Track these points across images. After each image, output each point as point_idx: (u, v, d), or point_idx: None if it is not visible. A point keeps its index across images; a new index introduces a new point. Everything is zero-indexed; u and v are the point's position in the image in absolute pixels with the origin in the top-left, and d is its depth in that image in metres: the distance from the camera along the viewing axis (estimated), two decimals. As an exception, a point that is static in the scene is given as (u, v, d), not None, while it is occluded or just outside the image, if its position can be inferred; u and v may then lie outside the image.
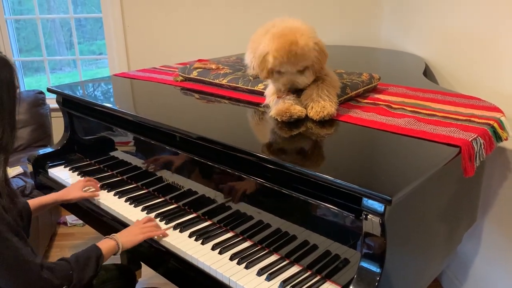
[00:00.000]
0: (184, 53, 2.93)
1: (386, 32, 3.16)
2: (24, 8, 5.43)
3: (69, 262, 1.19)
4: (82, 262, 1.21)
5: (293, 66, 1.40)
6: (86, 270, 1.21)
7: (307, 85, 1.47)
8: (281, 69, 1.42)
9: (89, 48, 6.53)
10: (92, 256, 1.24)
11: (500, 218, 1.83)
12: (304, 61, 1.39)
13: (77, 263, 1.20)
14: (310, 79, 1.45)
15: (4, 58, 1.14)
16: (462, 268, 2.10)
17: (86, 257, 1.24)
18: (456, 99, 1.63)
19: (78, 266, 1.20)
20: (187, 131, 1.43)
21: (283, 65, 1.39)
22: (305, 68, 1.42)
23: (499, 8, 1.79)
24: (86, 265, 1.21)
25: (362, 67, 2.06)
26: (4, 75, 1.12)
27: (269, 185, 1.26)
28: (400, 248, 1.12)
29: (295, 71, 1.42)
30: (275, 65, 1.40)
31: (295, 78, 1.43)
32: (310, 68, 1.42)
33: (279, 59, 1.38)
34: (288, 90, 1.47)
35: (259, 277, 1.20)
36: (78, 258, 1.22)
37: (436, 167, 1.14)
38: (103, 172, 1.86)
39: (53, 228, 2.88)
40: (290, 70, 1.41)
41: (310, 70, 1.43)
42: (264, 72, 1.45)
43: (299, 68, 1.41)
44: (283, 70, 1.42)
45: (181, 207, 1.56)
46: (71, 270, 1.17)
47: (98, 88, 2.14)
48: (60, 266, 1.17)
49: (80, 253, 1.25)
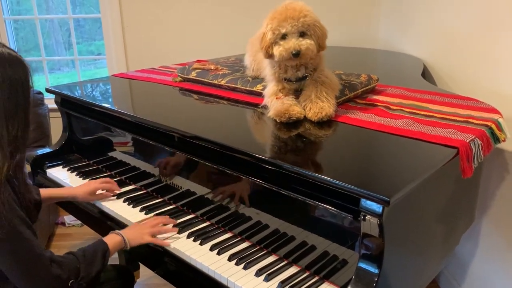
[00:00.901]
0: (183, 54, 2.93)
1: (384, 33, 3.17)
2: (23, 8, 5.42)
3: (76, 256, 1.21)
4: (89, 256, 1.23)
5: (294, 22, 1.37)
6: (93, 264, 1.22)
7: (312, 53, 1.41)
8: (281, 30, 1.38)
9: (87, 48, 6.53)
10: (98, 250, 1.25)
11: (498, 219, 1.84)
12: (304, 18, 1.37)
13: (84, 258, 1.21)
14: (313, 48, 1.40)
15: (18, 58, 1.14)
16: (460, 269, 2.10)
17: (93, 251, 1.25)
18: (454, 100, 1.63)
19: (85, 261, 1.21)
20: (185, 132, 1.43)
21: (282, 23, 1.37)
22: (306, 33, 1.40)
23: (496, 9, 1.80)
24: (93, 260, 1.23)
25: (360, 68, 2.06)
26: (19, 74, 1.12)
27: (267, 185, 1.26)
28: (398, 249, 1.13)
29: (296, 31, 1.38)
30: (274, 28, 1.38)
31: (299, 42, 1.38)
32: (312, 36, 1.40)
33: (277, 18, 1.38)
34: (289, 58, 1.40)
35: (258, 277, 1.20)
36: (85, 252, 1.23)
37: (434, 168, 1.14)
38: (102, 172, 1.86)
39: (51, 229, 2.88)
40: (291, 30, 1.38)
41: (312, 38, 1.40)
42: (265, 48, 1.43)
43: (300, 26, 1.37)
44: (284, 31, 1.38)
45: (180, 207, 1.56)
46: (78, 264, 1.19)
47: (97, 88, 2.14)
48: (68, 260, 1.18)
49: (87, 248, 1.25)
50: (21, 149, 1.15)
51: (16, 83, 1.11)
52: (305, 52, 1.39)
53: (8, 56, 1.11)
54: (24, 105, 1.14)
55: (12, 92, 1.10)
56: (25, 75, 1.14)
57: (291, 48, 1.38)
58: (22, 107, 1.13)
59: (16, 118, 1.12)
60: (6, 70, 1.09)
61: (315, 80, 1.49)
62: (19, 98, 1.12)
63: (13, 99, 1.10)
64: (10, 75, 1.09)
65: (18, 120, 1.12)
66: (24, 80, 1.14)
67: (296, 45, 1.37)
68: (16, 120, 1.12)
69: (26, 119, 1.15)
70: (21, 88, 1.12)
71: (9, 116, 1.10)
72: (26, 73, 1.15)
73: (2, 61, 1.09)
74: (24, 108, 1.14)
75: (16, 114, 1.12)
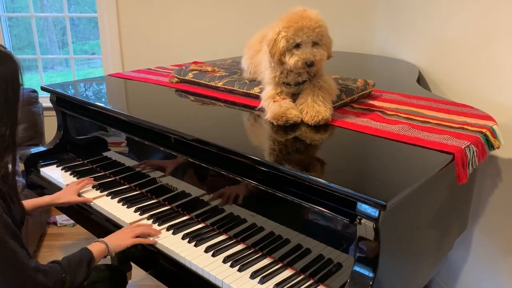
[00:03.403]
0: (179, 55, 2.92)
1: (380, 39, 3.19)
2: (17, 6, 5.39)
3: (61, 265, 1.19)
4: (74, 265, 1.21)
5: (310, 32, 1.38)
6: (78, 273, 1.21)
7: (322, 62, 1.44)
8: (296, 39, 1.38)
9: (81, 47, 6.50)
10: (83, 259, 1.24)
11: (490, 225, 1.86)
12: (320, 29, 1.39)
13: (69, 267, 1.20)
14: (324, 58, 1.43)
15: (9, 54, 1.13)
16: (451, 275, 2.11)
17: (78, 260, 1.23)
18: (449, 107, 1.65)
19: (70, 269, 1.20)
20: (181, 132, 1.43)
21: (298, 33, 1.37)
22: (318, 43, 1.41)
23: (492, 18, 1.82)
24: (78, 268, 1.21)
25: (356, 73, 2.07)
26: (9, 70, 1.11)
27: (263, 188, 1.26)
28: (393, 253, 1.13)
29: (310, 41, 1.39)
30: (289, 37, 1.38)
31: (313, 52, 1.39)
32: (321, 46, 1.42)
33: (293, 27, 1.37)
34: (303, 67, 1.41)
35: (252, 280, 1.20)
36: (70, 261, 1.22)
37: (430, 173, 1.15)
38: (96, 172, 1.85)
39: (42, 228, 2.85)
40: (305, 40, 1.38)
41: (322, 46, 1.42)
42: (277, 55, 1.42)
43: (315, 36, 1.39)
44: (299, 40, 1.38)
45: (175, 209, 1.56)
46: (64, 273, 1.17)
47: (93, 88, 2.13)
48: (53, 269, 1.17)
49: (71, 256, 1.24)
50: (9, 149, 1.13)
51: (6, 79, 1.09)
52: (318, 62, 1.42)
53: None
54: (13, 103, 1.12)
55: (1, 89, 1.08)
56: (16, 72, 1.13)
57: (306, 59, 1.39)
58: (11, 105, 1.11)
59: (4, 117, 1.10)
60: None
61: (314, 84, 1.50)
62: (8, 96, 1.10)
63: (2, 96, 1.08)
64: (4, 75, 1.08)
65: (8, 118, 1.11)
66: (14, 76, 1.12)
67: (310, 56, 1.39)
68: (4, 119, 1.10)
69: (15, 117, 1.14)
70: (11, 85, 1.10)
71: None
72: (17, 70, 1.13)
73: None
74: (14, 106, 1.12)
75: (4, 112, 1.10)
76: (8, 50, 1.14)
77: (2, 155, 1.10)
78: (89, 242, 1.33)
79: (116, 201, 1.61)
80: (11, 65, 1.12)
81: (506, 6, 1.72)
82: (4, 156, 1.11)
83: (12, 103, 1.12)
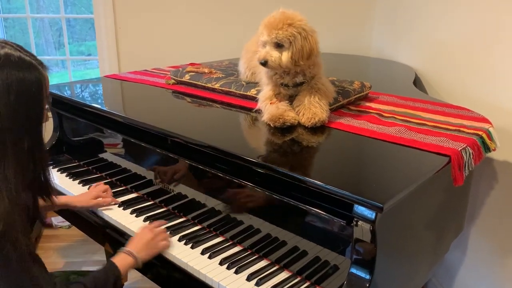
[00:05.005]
0: (176, 57, 2.92)
1: (376, 41, 3.20)
2: (13, 7, 5.38)
3: (86, 287, 1.12)
4: (100, 286, 1.15)
5: (272, 32, 1.39)
6: None
7: (277, 66, 1.42)
8: (261, 38, 1.43)
9: (77, 48, 6.48)
10: (110, 277, 1.17)
11: (486, 227, 1.86)
12: (280, 31, 1.38)
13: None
14: (284, 61, 1.41)
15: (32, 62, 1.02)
16: (448, 276, 2.12)
17: (104, 279, 1.16)
18: (445, 109, 1.65)
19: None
20: (177, 134, 1.43)
21: (264, 32, 1.41)
22: (282, 45, 1.40)
23: (488, 20, 1.83)
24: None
25: (353, 75, 2.07)
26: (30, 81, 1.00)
27: (260, 190, 1.26)
28: (390, 255, 1.13)
29: (272, 41, 1.41)
30: (260, 35, 1.43)
31: (269, 51, 1.41)
32: (288, 49, 1.40)
33: (264, 25, 1.41)
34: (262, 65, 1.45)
35: (249, 282, 1.20)
36: (96, 280, 1.15)
37: (427, 175, 1.15)
38: (92, 174, 1.85)
39: (38, 230, 2.84)
40: (268, 40, 1.41)
41: (287, 51, 1.40)
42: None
43: (274, 37, 1.39)
44: (264, 39, 1.42)
45: (171, 210, 1.55)
46: None
47: (89, 89, 2.13)
48: None
49: (97, 275, 1.17)
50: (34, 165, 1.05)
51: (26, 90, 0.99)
52: (271, 64, 1.42)
53: (18, 61, 0.99)
54: (34, 117, 1.02)
55: (20, 103, 0.98)
56: (38, 84, 1.01)
57: (260, 58, 1.43)
58: (31, 121, 1.01)
59: (27, 133, 1.00)
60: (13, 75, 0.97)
61: (311, 86, 1.50)
62: (27, 110, 0.99)
63: (22, 111, 0.98)
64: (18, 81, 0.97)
65: (30, 136, 1.01)
66: (36, 89, 1.01)
67: (265, 55, 1.41)
68: (28, 135, 1.01)
69: (39, 135, 1.05)
70: (31, 98, 1.00)
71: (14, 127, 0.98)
72: (40, 81, 1.02)
73: (11, 65, 0.97)
74: (36, 123, 1.03)
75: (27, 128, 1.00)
76: (36, 58, 1.04)
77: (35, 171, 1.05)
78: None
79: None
80: (34, 74, 1.01)
81: (503, 9, 1.73)
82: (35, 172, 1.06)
83: (35, 119, 1.02)
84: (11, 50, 1.00)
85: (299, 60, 1.41)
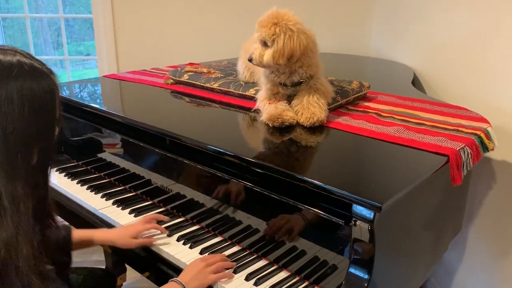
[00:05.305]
0: (175, 57, 2.92)
1: (375, 41, 3.20)
2: (11, 7, 5.37)
3: None
4: None
5: (257, 30, 1.42)
6: None
7: (260, 63, 1.44)
8: (255, 35, 1.44)
9: (76, 48, 6.48)
10: None
11: (485, 227, 1.86)
12: (264, 29, 1.39)
13: None
14: (265, 58, 1.41)
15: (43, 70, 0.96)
16: (446, 276, 2.12)
17: None
18: (444, 109, 1.66)
19: None
20: (176, 134, 1.43)
21: (256, 29, 1.43)
22: (266, 42, 1.41)
23: (487, 20, 1.83)
24: None
25: (351, 75, 2.08)
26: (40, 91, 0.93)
27: (258, 189, 1.26)
28: (388, 255, 1.13)
29: (258, 39, 1.43)
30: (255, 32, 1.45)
31: (257, 48, 1.44)
32: (271, 47, 1.40)
33: (257, 24, 1.43)
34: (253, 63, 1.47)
35: (248, 282, 1.20)
36: None
37: (426, 175, 1.15)
38: (91, 173, 1.84)
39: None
40: (257, 37, 1.43)
41: (271, 49, 1.40)
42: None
43: (259, 35, 1.41)
44: (256, 36, 1.44)
45: (169, 210, 1.55)
46: None
47: (88, 89, 2.13)
48: None
49: None
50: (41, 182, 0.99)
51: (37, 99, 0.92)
52: (254, 60, 1.45)
53: (30, 69, 0.92)
54: (45, 131, 0.95)
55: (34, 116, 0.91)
56: (51, 94, 0.95)
57: (249, 56, 1.47)
58: (43, 134, 0.94)
59: (39, 150, 0.94)
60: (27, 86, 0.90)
61: (310, 86, 1.50)
62: (39, 123, 0.92)
63: (35, 125, 0.91)
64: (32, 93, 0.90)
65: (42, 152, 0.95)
66: (49, 98, 0.94)
67: (252, 52, 1.45)
68: (40, 152, 0.94)
69: (51, 150, 0.99)
70: (44, 110, 0.93)
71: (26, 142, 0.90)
72: (53, 91, 0.95)
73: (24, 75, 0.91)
74: (46, 135, 0.95)
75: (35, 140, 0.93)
76: (46, 66, 0.97)
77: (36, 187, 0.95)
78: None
79: (111, 203, 1.60)
80: (46, 83, 0.94)
81: (501, 8, 1.73)
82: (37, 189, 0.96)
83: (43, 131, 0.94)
84: (22, 57, 0.93)
85: (279, 59, 1.40)
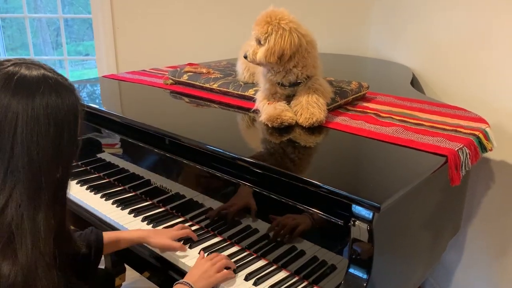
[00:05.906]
0: (174, 57, 2.92)
1: (374, 41, 3.20)
2: (10, 7, 5.36)
3: None
4: None
5: (253, 28, 1.44)
6: None
7: (253, 61, 1.48)
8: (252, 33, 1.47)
9: (75, 48, 6.48)
10: None
11: (483, 227, 1.87)
12: (257, 27, 1.42)
13: None
14: (258, 56, 1.43)
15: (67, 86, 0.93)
16: (445, 276, 2.12)
17: None
18: (442, 109, 1.66)
19: None
20: (175, 134, 1.43)
21: (252, 29, 1.45)
22: (260, 40, 1.42)
23: (485, 20, 1.84)
24: None
25: (350, 75, 2.08)
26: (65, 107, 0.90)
27: (257, 189, 1.26)
28: (387, 255, 1.14)
29: (254, 37, 1.45)
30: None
31: (252, 46, 1.46)
32: (264, 45, 1.41)
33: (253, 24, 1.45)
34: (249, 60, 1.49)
35: (247, 282, 1.20)
36: None
37: (424, 175, 1.16)
38: (90, 174, 1.85)
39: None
40: (253, 36, 1.45)
41: (264, 47, 1.41)
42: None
43: (254, 33, 1.43)
44: (252, 34, 1.46)
45: (169, 210, 1.55)
46: None
47: (87, 89, 2.13)
48: None
49: None
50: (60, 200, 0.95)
51: (62, 119, 0.89)
52: (248, 57, 1.48)
53: (55, 85, 0.88)
54: (69, 150, 0.92)
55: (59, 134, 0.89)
56: (75, 110, 0.93)
57: (244, 53, 1.51)
58: (66, 153, 0.92)
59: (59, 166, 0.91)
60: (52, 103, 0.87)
61: (309, 87, 1.50)
62: (63, 142, 0.90)
63: (57, 141, 0.88)
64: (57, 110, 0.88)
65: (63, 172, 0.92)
66: (72, 116, 0.92)
67: (248, 49, 1.48)
68: (61, 172, 0.91)
69: (71, 170, 0.97)
70: (67, 128, 0.90)
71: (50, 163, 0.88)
72: (77, 107, 0.93)
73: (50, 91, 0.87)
74: (69, 154, 0.93)
75: (59, 160, 0.90)
76: (68, 81, 0.94)
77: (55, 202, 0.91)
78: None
79: (110, 203, 1.61)
80: (71, 99, 0.92)
81: (499, 9, 1.73)
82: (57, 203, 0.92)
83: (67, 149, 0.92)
84: (46, 71, 0.89)
85: (270, 57, 1.41)
